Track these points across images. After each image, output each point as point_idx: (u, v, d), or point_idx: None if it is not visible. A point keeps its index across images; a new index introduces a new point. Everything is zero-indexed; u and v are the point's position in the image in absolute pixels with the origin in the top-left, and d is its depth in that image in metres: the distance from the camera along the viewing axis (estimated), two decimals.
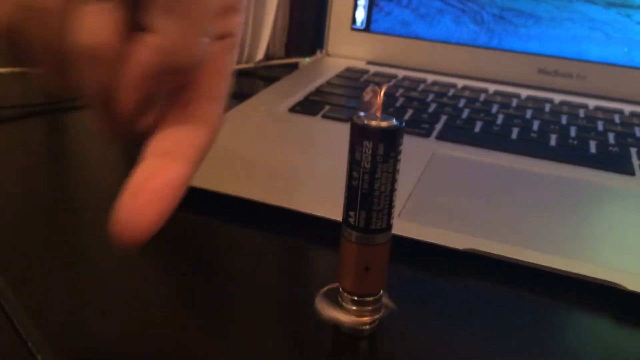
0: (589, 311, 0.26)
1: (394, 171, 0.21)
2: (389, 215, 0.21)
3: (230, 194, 0.31)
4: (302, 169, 0.35)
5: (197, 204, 0.32)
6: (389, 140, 0.20)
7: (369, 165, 0.20)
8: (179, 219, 0.31)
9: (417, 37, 0.55)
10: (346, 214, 0.21)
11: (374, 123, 0.20)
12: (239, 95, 0.53)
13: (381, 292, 0.23)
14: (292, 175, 0.34)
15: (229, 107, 0.44)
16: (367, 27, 0.57)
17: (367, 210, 0.21)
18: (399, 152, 0.21)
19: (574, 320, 0.25)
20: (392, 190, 0.21)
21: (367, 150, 0.20)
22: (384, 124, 0.20)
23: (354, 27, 0.57)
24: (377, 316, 0.23)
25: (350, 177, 0.21)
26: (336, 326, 0.23)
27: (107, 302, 0.24)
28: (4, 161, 0.37)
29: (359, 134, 0.20)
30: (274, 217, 0.31)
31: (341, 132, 0.40)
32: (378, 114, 0.20)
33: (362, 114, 0.20)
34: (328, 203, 0.30)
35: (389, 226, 0.22)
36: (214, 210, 0.31)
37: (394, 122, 0.20)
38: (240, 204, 0.31)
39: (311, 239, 0.30)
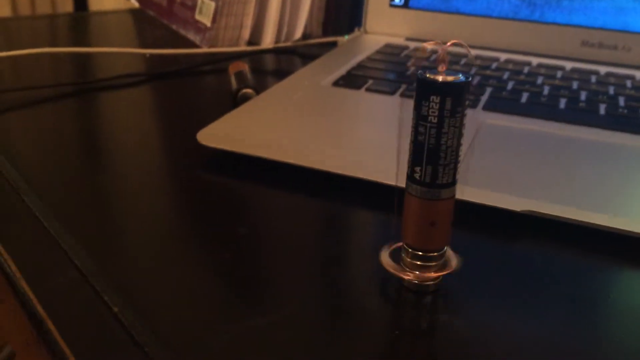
0: None
1: (461, 126, 0.21)
2: (455, 170, 0.22)
3: (280, 160, 0.32)
4: (350, 137, 0.35)
5: (245, 170, 0.33)
6: (456, 95, 0.20)
7: (435, 120, 0.21)
8: (229, 185, 0.32)
9: (457, 12, 0.55)
10: (411, 170, 0.22)
11: (440, 78, 0.20)
12: (278, 72, 0.53)
13: (445, 248, 0.23)
14: (341, 142, 0.34)
15: (271, 84, 0.44)
16: (406, 4, 0.56)
17: (434, 165, 0.21)
18: (465, 107, 0.21)
19: (635, 280, 0.25)
20: (459, 145, 0.21)
21: (434, 105, 0.20)
22: (450, 78, 0.20)
23: (392, 3, 0.57)
24: (442, 273, 0.23)
25: (416, 132, 0.21)
26: (400, 283, 0.24)
27: (174, 262, 0.25)
28: (43, 140, 0.38)
29: (426, 89, 0.20)
30: (326, 183, 0.31)
31: (386, 104, 0.41)
32: (443, 69, 0.20)
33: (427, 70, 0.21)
34: (377, 167, 0.30)
35: (455, 181, 0.22)
36: (262, 176, 0.32)
37: (460, 76, 0.20)
38: (288, 169, 0.31)
39: (361, 203, 0.30)
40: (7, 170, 0.32)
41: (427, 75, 0.20)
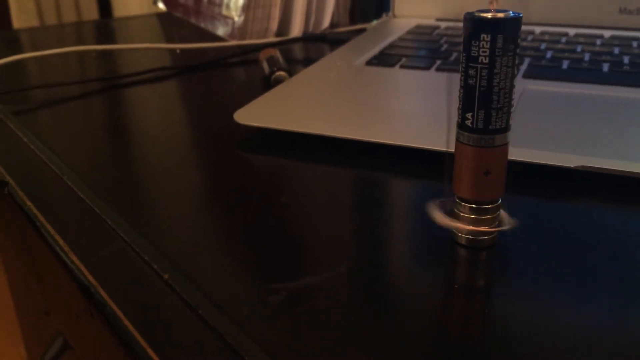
0: None
1: (513, 65, 0.20)
2: (508, 114, 0.21)
3: (319, 133, 0.31)
4: (389, 109, 0.34)
5: (282, 147, 0.32)
6: (508, 32, 0.19)
7: (487, 60, 0.20)
8: (268, 161, 0.32)
9: None
10: (462, 118, 0.21)
11: (490, 15, 0.19)
12: (309, 59, 0.53)
13: (500, 200, 0.22)
14: (381, 114, 0.33)
15: (302, 69, 0.44)
16: None
17: (486, 109, 0.20)
18: (517, 45, 0.20)
19: None
20: (512, 86, 0.20)
21: (484, 44, 0.20)
22: (500, 15, 0.19)
23: None
24: (496, 227, 0.22)
25: (466, 76, 0.20)
26: (453, 238, 0.23)
27: (232, 238, 0.25)
28: (85, 128, 0.38)
29: (476, 27, 0.20)
30: (367, 154, 0.30)
31: (422, 78, 0.40)
32: (493, 6, 0.20)
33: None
34: (422, 135, 0.29)
35: (508, 126, 0.21)
36: (299, 152, 0.31)
37: (511, 13, 0.20)
38: (325, 144, 0.31)
39: (405, 171, 0.29)
40: (51, 159, 0.32)
41: (476, 14, 0.20)
